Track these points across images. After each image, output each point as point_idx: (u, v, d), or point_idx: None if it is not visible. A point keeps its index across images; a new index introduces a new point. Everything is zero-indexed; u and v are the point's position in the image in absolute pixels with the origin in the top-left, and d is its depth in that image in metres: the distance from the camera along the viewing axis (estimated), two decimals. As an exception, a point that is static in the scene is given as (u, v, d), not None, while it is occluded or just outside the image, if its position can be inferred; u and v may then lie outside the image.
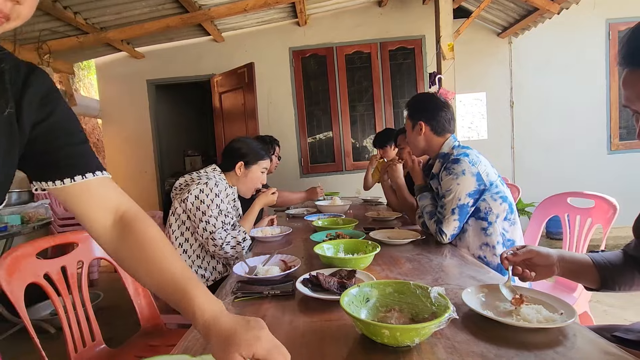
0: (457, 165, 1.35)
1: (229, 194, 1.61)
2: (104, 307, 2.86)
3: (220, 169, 1.67)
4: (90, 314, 1.19)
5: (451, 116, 1.53)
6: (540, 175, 4.30)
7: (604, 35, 4.20)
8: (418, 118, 1.53)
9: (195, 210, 1.43)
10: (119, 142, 4.55)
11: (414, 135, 1.55)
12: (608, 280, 0.83)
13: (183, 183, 1.54)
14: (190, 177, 1.55)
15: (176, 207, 1.49)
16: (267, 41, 4.33)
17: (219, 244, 1.41)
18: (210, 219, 1.42)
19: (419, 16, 4.27)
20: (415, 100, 1.61)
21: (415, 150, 1.59)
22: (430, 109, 1.52)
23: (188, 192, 1.45)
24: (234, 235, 1.45)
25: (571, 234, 1.65)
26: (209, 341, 0.55)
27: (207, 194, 1.44)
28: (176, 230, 1.50)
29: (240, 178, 1.66)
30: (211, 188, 1.46)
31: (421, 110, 1.53)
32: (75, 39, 3.42)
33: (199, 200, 1.43)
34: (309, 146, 4.48)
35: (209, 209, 1.42)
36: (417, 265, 1.14)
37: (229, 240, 1.43)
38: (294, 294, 0.95)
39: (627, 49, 0.58)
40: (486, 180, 1.35)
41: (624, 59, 0.59)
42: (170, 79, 4.46)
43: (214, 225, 1.42)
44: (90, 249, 1.21)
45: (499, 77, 4.34)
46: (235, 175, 1.65)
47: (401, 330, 0.62)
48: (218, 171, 1.65)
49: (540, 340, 0.66)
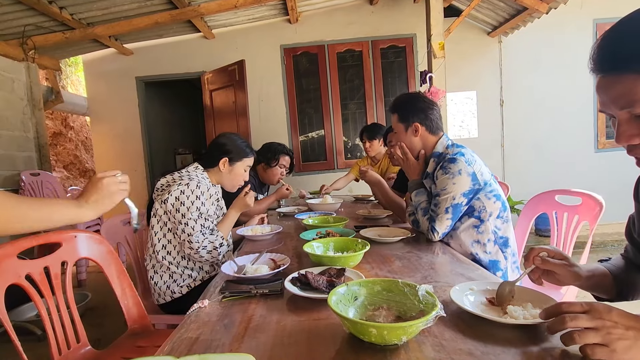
0: (453, 165, 1.35)
1: (212, 194, 1.57)
2: (92, 307, 2.81)
3: (203, 166, 1.63)
4: (75, 315, 1.16)
5: (440, 113, 1.53)
6: (529, 173, 4.36)
7: (591, 35, 4.27)
8: (412, 119, 1.50)
9: (175, 211, 1.40)
10: (108, 140, 4.48)
11: (409, 137, 1.52)
12: (621, 290, 0.82)
13: (165, 184, 1.50)
14: (172, 178, 1.51)
15: (157, 208, 1.46)
16: (258, 38, 4.30)
17: (195, 247, 1.38)
18: (189, 221, 1.39)
19: (410, 14, 4.28)
20: (403, 101, 1.56)
21: (414, 152, 1.56)
22: (422, 108, 1.50)
23: (169, 193, 1.41)
24: (211, 240, 1.42)
25: (559, 230, 1.68)
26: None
27: (188, 196, 1.41)
28: (159, 232, 1.47)
29: (224, 174, 1.63)
30: (192, 189, 1.43)
31: (414, 110, 1.50)
32: (61, 35, 3.35)
33: (179, 201, 1.40)
34: (301, 144, 4.47)
35: (188, 211, 1.39)
36: (407, 263, 1.14)
37: (206, 245, 1.40)
38: (282, 293, 0.94)
39: (599, 55, 0.58)
40: (481, 180, 1.36)
41: (595, 65, 0.59)
42: (160, 76, 4.40)
43: (193, 227, 1.39)
44: (75, 248, 1.18)
45: (489, 76, 4.38)
46: (219, 171, 1.62)
47: (388, 329, 0.61)
48: (200, 170, 1.61)
49: (526, 337, 0.66)
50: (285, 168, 2.51)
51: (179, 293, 1.48)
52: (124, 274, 1.28)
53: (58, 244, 1.15)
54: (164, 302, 1.50)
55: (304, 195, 2.98)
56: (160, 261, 1.48)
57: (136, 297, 1.30)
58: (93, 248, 1.24)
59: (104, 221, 2.01)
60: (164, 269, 1.48)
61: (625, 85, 0.56)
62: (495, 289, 0.85)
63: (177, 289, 1.48)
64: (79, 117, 6.70)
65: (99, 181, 0.84)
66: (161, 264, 1.48)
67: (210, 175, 1.63)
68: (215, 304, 0.91)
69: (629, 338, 0.54)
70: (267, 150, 2.45)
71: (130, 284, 1.29)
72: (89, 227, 3.45)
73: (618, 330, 0.55)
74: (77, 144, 6.65)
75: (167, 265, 1.48)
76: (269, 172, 2.47)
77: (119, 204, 0.89)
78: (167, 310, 1.53)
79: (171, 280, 1.48)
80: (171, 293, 1.48)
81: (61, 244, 1.15)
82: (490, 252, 1.36)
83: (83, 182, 6.48)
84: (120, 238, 1.71)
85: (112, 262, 1.27)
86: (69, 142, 6.41)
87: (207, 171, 1.63)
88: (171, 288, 1.48)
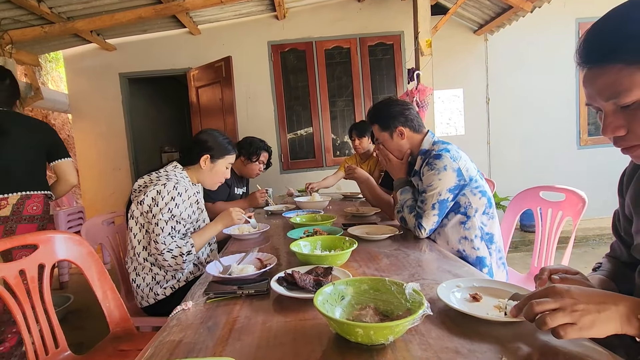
0: (438, 161, 1.36)
1: (191, 195, 1.49)
2: (74, 310, 2.74)
3: (183, 163, 1.58)
4: (54, 319, 1.12)
5: (416, 111, 1.56)
6: (515, 169, 4.43)
7: (574, 34, 4.36)
8: (394, 124, 1.51)
9: (148, 211, 1.36)
10: (90, 138, 4.36)
11: (396, 142, 1.54)
12: (623, 291, 0.81)
13: (142, 184, 1.45)
14: (149, 178, 1.46)
15: (133, 209, 1.40)
16: (245, 35, 4.24)
17: (160, 248, 1.33)
18: (159, 221, 1.34)
19: (398, 12, 4.29)
20: (379, 109, 1.56)
21: (401, 155, 1.57)
22: (400, 111, 1.51)
23: (145, 194, 1.37)
24: (179, 245, 1.35)
25: (543, 226, 1.70)
26: None
27: (163, 197, 1.36)
28: (138, 233, 1.42)
29: (204, 172, 1.57)
30: (168, 190, 1.38)
31: (392, 115, 1.51)
32: (40, 29, 3.23)
33: (154, 202, 1.35)
34: (289, 142, 4.44)
35: (160, 212, 1.35)
36: (395, 261, 1.14)
37: (172, 248, 1.34)
38: (268, 293, 0.92)
39: (585, 47, 0.59)
40: (466, 176, 1.37)
41: (581, 57, 0.60)
42: (144, 73, 4.30)
43: (162, 229, 1.34)
44: (53, 250, 1.14)
45: (475, 73, 4.42)
46: (200, 168, 1.56)
47: (375, 329, 0.60)
48: (179, 169, 1.55)
49: (511, 333, 0.66)
50: (263, 164, 2.56)
51: (162, 295, 1.44)
52: (105, 276, 1.24)
53: (34, 245, 1.11)
54: (148, 305, 1.46)
55: (292, 194, 2.96)
56: (142, 263, 1.43)
57: (118, 300, 1.26)
58: (72, 249, 1.20)
59: (85, 221, 1.95)
60: (146, 270, 1.44)
61: (610, 75, 0.57)
62: (482, 285, 0.86)
63: (160, 291, 1.44)
64: (61, 115, 6.51)
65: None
66: (143, 265, 1.44)
67: (190, 173, 1.57)
68: (199, 305, 0.89)
69: (591, 312, 0.56)
70: (249, 145, 2.45)
71: (112, 286, 1.25)
72: (70, 227, 3.36)
73: (580, 306, 0.56)
74: (58, 142, 6.46)
75: (149, 267, 1.43)
76: (248, 167, 2.49)
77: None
78: (151, 313, 1.49)
79: (154, 282, 1.44)
80: (154, 295, 1.44)
81: (38, 246, 1.11)
82: (478, 248, 1.37)
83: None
84: (102, 239, 1.66)
85: (92, 263, 1.23)
86: (50, 140, 6.22)
87: (187, 169, 1.58)
88: (154, 290, 1.44)
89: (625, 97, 0.56)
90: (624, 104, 0.57)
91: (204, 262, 1.56)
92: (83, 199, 4.47)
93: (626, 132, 0.60)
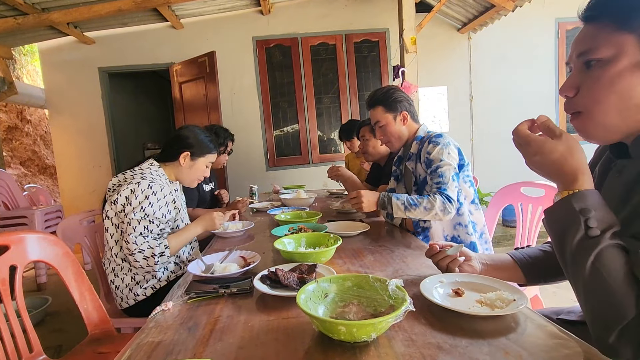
0: (441, 139, 1.42)
1: (167, 193, 1.42)
2: (53, 312, 2.66)
3: (161, 160, 1.52)
4: (27, 322, 1.08)
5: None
6: (497, 166, 4.52)
7: (553, 33, 4.46)
8: (400, 108, 1.54)
9: (122, 210, 1.31)
10: (69, 134, 4.22)
11: (398, 125, 1.55)
12: (529, 275, 0.89)
13: (116, 183, 1.40)
14: (123, 177, 1.41)
15: (107, 209, 1.35)
16: (229, 29, 4.17)
17: (131, 248, 1.28)
18: (131, 221, 1.30)
19: (383, 9, 4.29)
20: (386, 92, 1.57)
21: (398, 142, 1.57)
22: (405, 97, 1.57)
23: (118, 193, 1.32)
24: (151, 245, 1.29)
25: (524, 221, 1.74)
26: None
27: (137, 196, 1.32)
28: (114, 233, 1.37)
29: (183, 169, 1.52)
30: (142, 189, 1.33)
31: (400, 100, 1.55)
32: (13, 20, 3.10)
33: (127, 201, 1.31)
34: (275, 139, 4.40)
35: (132, 211, 1.30)
36: (379, 257, 1.14)
37: (144, 249, 1.29)
38: (252, 292, 0.91)
39: (586, 5, 0.62)
40: (465, 158, 1.44)
41: (580, 14, 0.63)
42: (125, 67, 4.18)
43: (134, 228, 1.29)
44: (25, 251, 1.09)
45: (459, 71, 4.48)
46: (179, 165, 1.51)
47: (357, 326, 0.60)
48: (156, 166, 1.49)
49: (493, 328, 0.67)
50: (228, 153, 2.37)
51: (143, 295, 1.40)
52: (82, 277, 1.20)
53: (5, 246, 1.06)
54: (128, 306, 1.42)
55: (277, 191, 2.93)
56: (120, 264, 1.39)
57: (97, 301, 1.22)
58: (47, 250, 1.15)
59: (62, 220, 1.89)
60: (124, 271, 1.40)
61: (594, 31, 0.61)
62: (464, 280, 0.86)
63: (140, 292, 1.40)
64: (37, 110, 6.28)
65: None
66: (121, 266, 1.39)
67: (167, 171, 1.52)
68: (180, 305, 0.86)
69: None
70: (216, 137, 2.20)
71: (90, 287, 1.21)
72: (48, 227, 3.25)
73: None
74: (35, 138, 6.24)
75: (127, 267, 1.39)
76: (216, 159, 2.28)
77: None
78: (133, 314, 1.45)
79: (133, 283, 1.40)
80: (134, 296, 1.40)
81: (9, 247, 1.06)
82: (472, 234, 1.41)
83: (43, 179, 6.10)
84: (80, 239, 1.60)
85: (69, 264, 1.18)
86: (25, 136, 6.00)
87: (165, 165, 1.52)
88: (134, 291, 1.40)
89: (593, 53, 0.60)
90: (589, 58, 0.61)
91: (186, 260, 1.52)
92: (62, 198, 4.33)
93: (576, 92, 0.63)
